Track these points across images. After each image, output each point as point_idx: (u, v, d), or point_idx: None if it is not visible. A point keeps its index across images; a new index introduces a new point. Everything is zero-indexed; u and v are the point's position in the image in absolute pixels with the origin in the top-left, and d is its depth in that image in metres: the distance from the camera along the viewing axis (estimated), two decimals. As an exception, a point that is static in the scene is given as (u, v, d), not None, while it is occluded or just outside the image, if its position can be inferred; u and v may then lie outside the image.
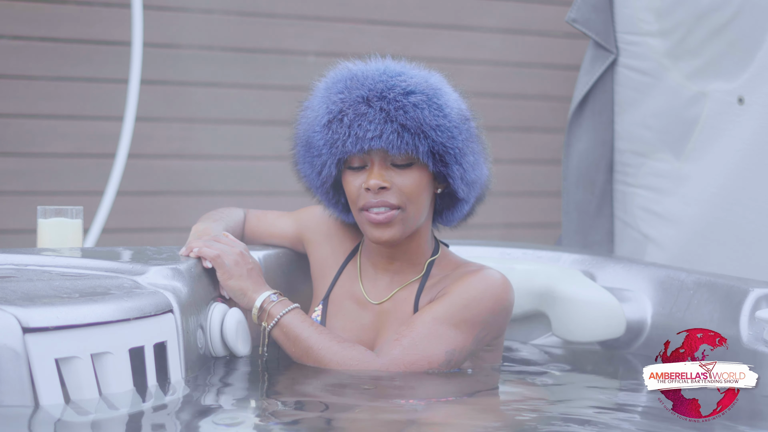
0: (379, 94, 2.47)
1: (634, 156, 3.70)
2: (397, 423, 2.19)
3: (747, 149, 3.41)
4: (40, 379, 2.04)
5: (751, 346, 2.53)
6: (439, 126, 2.47)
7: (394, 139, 2.45)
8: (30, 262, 2.50)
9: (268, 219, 2.83)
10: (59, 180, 4.43)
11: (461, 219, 2.63)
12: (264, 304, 2.54)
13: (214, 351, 2.56)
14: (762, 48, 3.38)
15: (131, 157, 4.24)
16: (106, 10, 4.46)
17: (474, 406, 2.37)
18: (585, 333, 2.92)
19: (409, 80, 2.49)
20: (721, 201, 3.46)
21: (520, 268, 3.01)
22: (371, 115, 2.46)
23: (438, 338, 2.48)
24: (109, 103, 4.44)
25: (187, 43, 4.62)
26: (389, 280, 2.61)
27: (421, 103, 2.46)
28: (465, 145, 2.51)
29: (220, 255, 2.56)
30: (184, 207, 4.61)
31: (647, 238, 3.64)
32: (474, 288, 2.52)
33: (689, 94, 3.54)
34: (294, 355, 2.53)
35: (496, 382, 2.57)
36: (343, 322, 2.60)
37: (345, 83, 2.50)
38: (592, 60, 3.73)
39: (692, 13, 3.50)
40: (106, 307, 2.17)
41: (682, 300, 2.81)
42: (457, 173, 2.51)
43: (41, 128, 4.40)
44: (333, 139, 2.49)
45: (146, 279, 2.41)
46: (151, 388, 2.23)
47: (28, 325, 2.04)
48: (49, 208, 2.96)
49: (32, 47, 4.37)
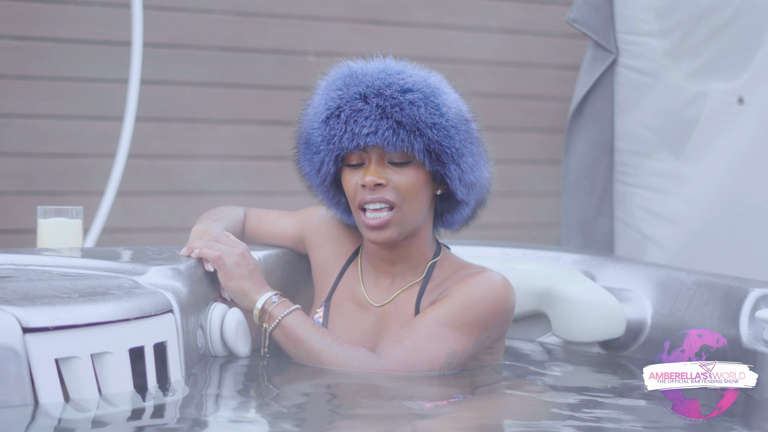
0: (377, 91, 2.47)
1: (634, 156, 3.70)
2: (398, 424, 2.19)
3: (747, 149, 3.41)
4: (40, 379, 2.04)
5: (751, 346, 2.52)
6: (435, 124, 2.48)
7: (390, 136, 2.46)
8: (30, 262, 2.50)
9: (269, 219, 2.83)
10: (59, 180, 4.43)
11: (462, 222, 2.63)
12: (265, 305, 2.54)
13: (214, 351, 2.56)
14: (762, 48, 3.38)
15: (131, 157, 4.24)
16: (106, 10, 4.46)
17: (474, 406, 2.37)
18: (585, 333, 2.92)
19: (408, 78, 2.49)
20: (720, 201, 3.46)
21: (520, 268, 3.01)
22: (367, 111, 2.47)
23: (439, 340, 2.48)
24: (109, 103, 4.43)
25: (187, 43, 4.62)
26: (390, 283, 2.61)
27: (417, 100, 2.47)
28: (463, 146, 2.51)
29: (221, 256, 2.56)
30: (184, 207, 4.60)
31: (647, 238, 3.64)
32: (475, 290, 2.51)
33: (689, 94, 3.54)
34: (295, 357, 2.53)
35: (496, 383, 2.56)
36: (345, 324, 2.60)
37: (344, 80, 2.51)
38: (592, 60, 3.73)
39: (692, 13, 3.50)
40: (106, 307, 2.17)
41: (682, 300, 2.81)
42: (455, 174, 2.51)
43: (41, 128, 4.40)
44: (330, 135, 2.50)
45: (146, 279, 2.41)
46: (151, 388, 2.23)
47: (28, 325, 2.04)
48: (49, 208, 2.96)
49: (32, 47, 4.37)
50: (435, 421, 2.23)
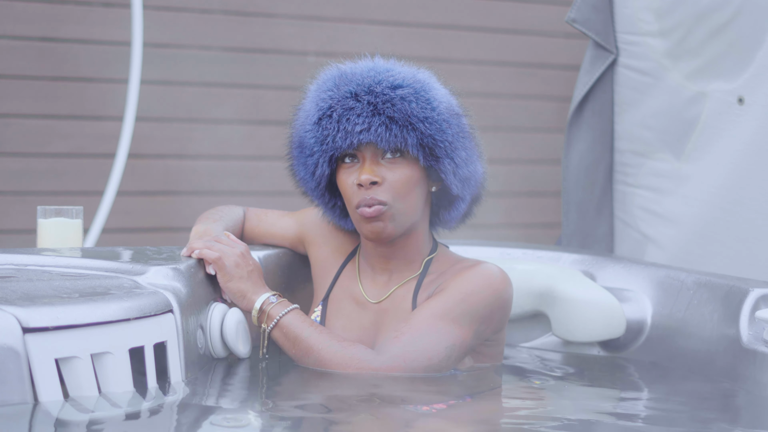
0: (367, 89, 2.48)
1: (634, 156, 3.70)
2: (396, 426, 2.19)
3: (747, 149, 3.41)
4: (40, 379, 2.04)
5: (751, 346, 2.52)
6: (427, 118, 2.48)
7: (383, 132, 2.46)
8: (30, 262, 2.50)
9: (268, 219, 2.83)
10: (59, 180, 4.43)
11: (459, 220, 2.63)
12: (263, 305, 2.54)
13: (214, 351, 2.56)
14: (762, 48, 3.38)
15: (131, 157, 4.24)
16: (106, 10, 4.46)
17: (473, 409, 2.37)
18: (585, 333, 2.92)
19: (397, 75, 2.51)
20: (721, 201, 3.46)
21: (520, 268, 3.01)
22: (359, 108, 2.47)
23: (437, 334, 2.48)
24: (109, 103, 4.43)
25: (187, 43, 4.62)
26: (387, 279, 2.61)
27: (408, 96, 2.48)
28: (456, 140, 2.52)
29: (221, 257, 2.56)
30: (184, 207, 4.60)
31: (647, 238, 3.64)
32: (471, 282, 2.51)
33: (689, 94, 3.54)
34: (294, 356, 2.53)
35: (496, 385, 2.56)
36: (343, 322, 2.60)
37: (334, 81, 2.53)
38: (592, 60, 3.73)
39: (692, 13, 3.50)
40: (106, 307, 2.17)
41: (682, 300, 2.81)
42: (449, 168, 2.51)
43: (41, 128, 4.40)
44: (323, 136, 2.50)
45: (146, 279, 2.41)
46: (151, 388, 2.23)
47: (28, 325, 2.04)
48: (49, 208, 2.96)
49: (32, 47, 4.37)
50: (434, 423, 2.23)
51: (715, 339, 2.65)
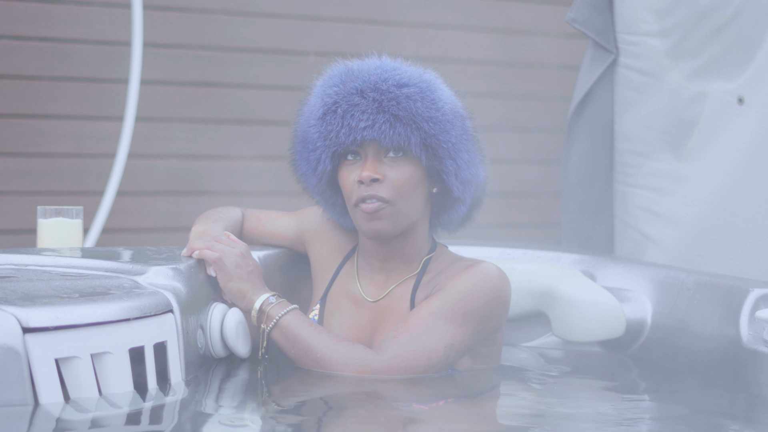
0: (373, 86, 2.48)
1: (634, 156, 3.70)
2: (394, 427, 2.19)
3: (747, 149, 3.41)
4: (41, 379, 2.04)
5: (751, 346, 2.53)
6: (432, 118, 2.48)
7: (387, 129, 2.47)
8: (30, 262, 2.50)
9: (268, 219, 2.83)
10: (59, 180, 4.43)
11: (459, 222, 2.63)
12: (263, 306, 2.53)
13: (214, 351, 2.56)
14: (762, 48, 3.38)
15: (131, 157, 4.24)
16: (106, 10, 4.46)
17: (471, 409, 2.37)
18: (585, 333, 2.92)
19: (404, 74, 2.51)
20: (721, 201, 3.46)
21: (520, 268, 3.01)
22: (364, 105, 2.47)
23: (436, 333, 2.48)
24: (109, 103, 4.43)
25: (187, 43, 4.62)
26: (385, 278, 2.61)
27: (414, 95, 2.48)
28: (459, 141, 2.52)
29: (221, 257, 2.56)
30: (184, 207, 4.60)
31: (647, 238, 3.64)
32: (469, 281, 2.51)
33: (689, 94, 3.54)
34: (294, 356, 2.52)
35: (495, 385, 2.56)
36: (341, 321, 2.60)
37: (340, 77, 2.53)
38: (591, 60, 3.73)
39: (692, 13, 3.50)
40: (106, 307, 2.17)
41: (682, 300, 2.81)
42: (451, 169, 2.51)
43: (41, 128, 4.40)
44: (327, 131, 2.50)
45: (146, 279, 2.41)
46: (151, 388, 2.23)
47: (28, 325, 2.04)
48: (49, 208, 2.96)
49: (32, 47, 4.37)
50: (432, 424, 2.23)
51: (715, 339, 2.65)
